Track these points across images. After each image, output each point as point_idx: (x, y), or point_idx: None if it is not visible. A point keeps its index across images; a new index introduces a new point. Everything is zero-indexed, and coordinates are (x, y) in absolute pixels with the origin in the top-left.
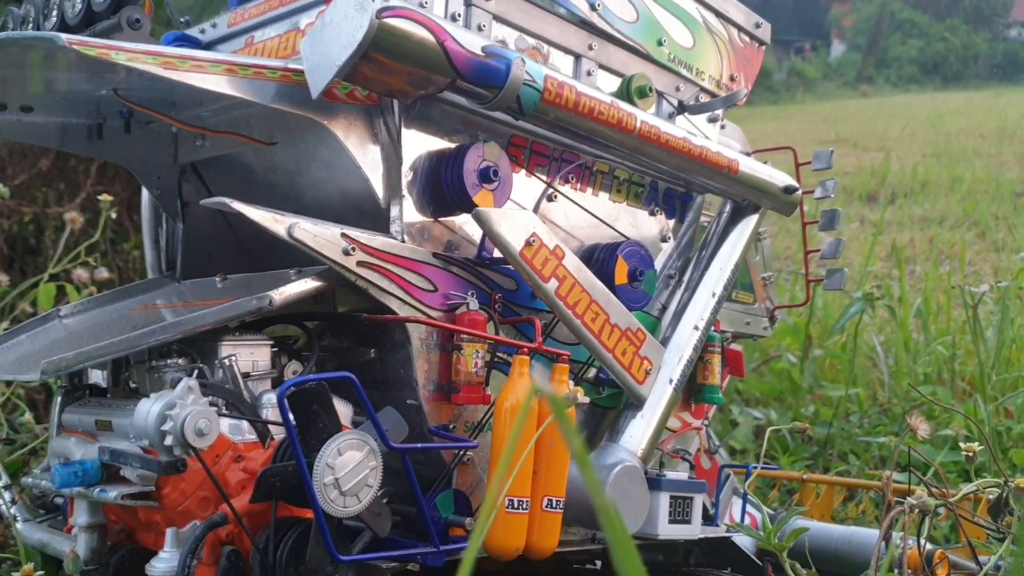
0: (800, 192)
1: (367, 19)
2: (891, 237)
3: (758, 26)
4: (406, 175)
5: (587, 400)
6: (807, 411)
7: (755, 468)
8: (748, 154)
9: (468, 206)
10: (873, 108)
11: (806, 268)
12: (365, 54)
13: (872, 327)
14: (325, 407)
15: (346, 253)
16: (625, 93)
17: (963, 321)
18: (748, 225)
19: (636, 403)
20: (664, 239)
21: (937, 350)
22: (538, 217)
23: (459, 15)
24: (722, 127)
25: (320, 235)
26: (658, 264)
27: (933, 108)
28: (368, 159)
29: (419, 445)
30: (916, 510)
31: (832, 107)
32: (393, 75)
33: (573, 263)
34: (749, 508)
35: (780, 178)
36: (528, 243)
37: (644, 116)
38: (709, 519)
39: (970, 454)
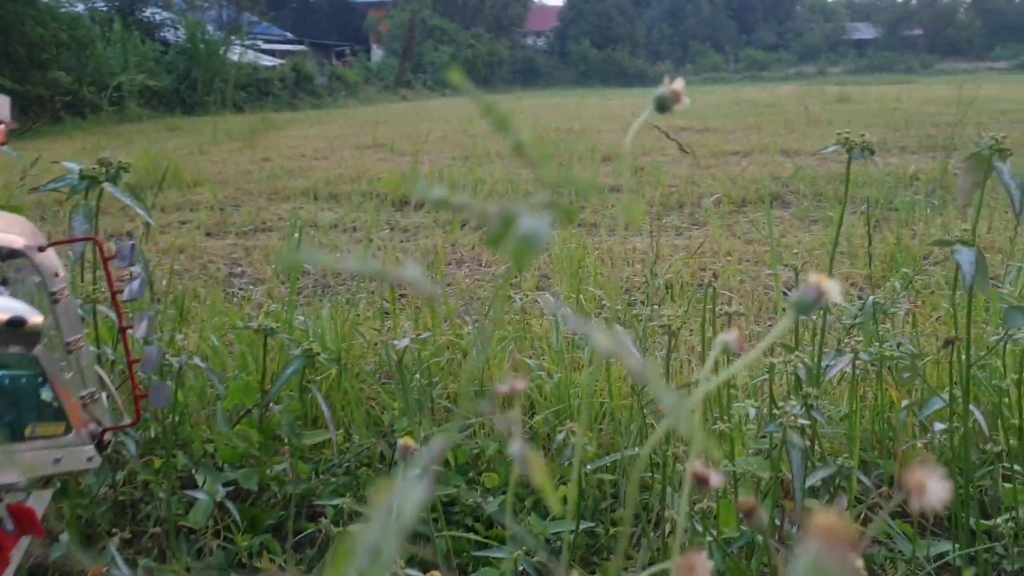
0: (39, 321)
1: None
2: (418, 243)
3: None
4: None
5: None
6: (273, 471)
7: None
8: (42, 249)
9: None
10: (411, 112)
11: (132, 381)
12: None
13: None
14: None
15: None
16: None
17: (450, 340)
18: None
19: None
20: None
21: (416, 379)
22: None
23: None
24: None
25: None
26: None
27: (465, 112)
28: None
29: None
30: None
31: (374, 111)
32: None
33: None
34: None
35: (2, 310)
36: None
37: None
38: None
39: None
